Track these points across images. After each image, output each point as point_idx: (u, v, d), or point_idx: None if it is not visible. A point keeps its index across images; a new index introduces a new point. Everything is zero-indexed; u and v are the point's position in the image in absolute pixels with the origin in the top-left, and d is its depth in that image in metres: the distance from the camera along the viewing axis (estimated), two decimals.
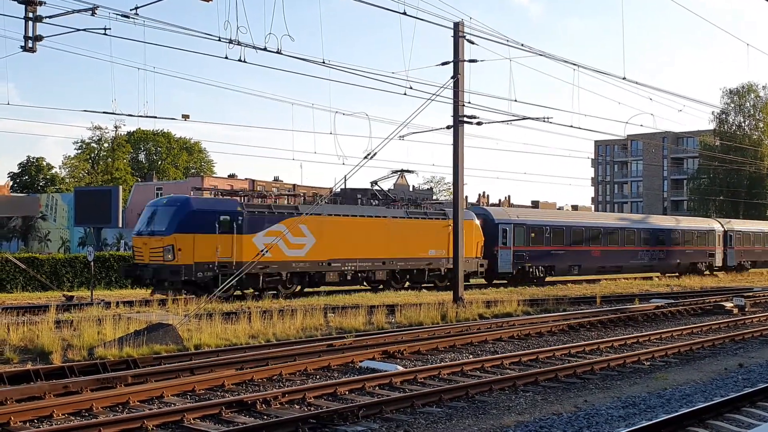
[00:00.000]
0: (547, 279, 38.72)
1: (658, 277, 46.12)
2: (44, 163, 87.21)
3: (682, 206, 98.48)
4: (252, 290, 27.11)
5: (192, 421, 9.84)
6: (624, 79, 25.60)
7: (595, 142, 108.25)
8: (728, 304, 26.41)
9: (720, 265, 51.09)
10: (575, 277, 41.27)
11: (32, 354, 14.90)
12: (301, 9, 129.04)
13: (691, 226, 50.37)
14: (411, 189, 38.63)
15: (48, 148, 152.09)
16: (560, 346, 16.58)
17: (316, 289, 29.38)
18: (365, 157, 20.88)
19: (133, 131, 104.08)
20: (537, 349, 16.05)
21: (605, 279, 41.38)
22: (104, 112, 51.69)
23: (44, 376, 12.41)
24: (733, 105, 79.66)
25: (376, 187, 33.71)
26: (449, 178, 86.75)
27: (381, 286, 30.98)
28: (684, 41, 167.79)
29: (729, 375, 13.91)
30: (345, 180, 30.86)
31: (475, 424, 10.08)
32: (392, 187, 35.97)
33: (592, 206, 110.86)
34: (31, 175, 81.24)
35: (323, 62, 19.36)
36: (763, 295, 31.31)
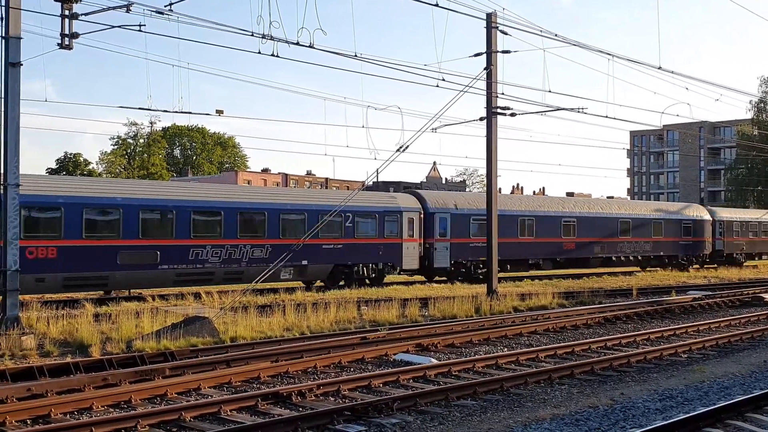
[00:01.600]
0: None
1: (696, 268, 45.41)
2: (81, 158, 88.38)
3: (720, 197, 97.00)
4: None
5: (229, 413, 9.94)
6: (659, 68, 25.26)
7: (631, 132, 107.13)
8: (767, 296, 26.00)
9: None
10: (610, 269, 40.63)
11: (72, 347, 15.16)
12: (333, 3, 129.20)
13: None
14: (444, 181, 38.37)
15: (85, 144, 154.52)
16: (596, 339, 16.45)
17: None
18: (397, 151, 20.86)
19: (168, 127, 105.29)
20: (572, 342, 15.94)
21: (640, 272, 40.94)
22: (140, 108, 52.32)
23: (84, 368, 12.61)
24: None
25: None
26: (482, 171, 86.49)
27: None
28: (720, 29, 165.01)
29: None
30: (377, 173, 30.90)
31: (510, 417, 10.04)
32: (425, 180, 35.81)
33: (628, 197, 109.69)
34: (68, 171, 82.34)
35: (355, 56, 19.36)
36: None
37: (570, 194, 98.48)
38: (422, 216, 32.02)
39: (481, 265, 32.64)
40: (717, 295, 26.51)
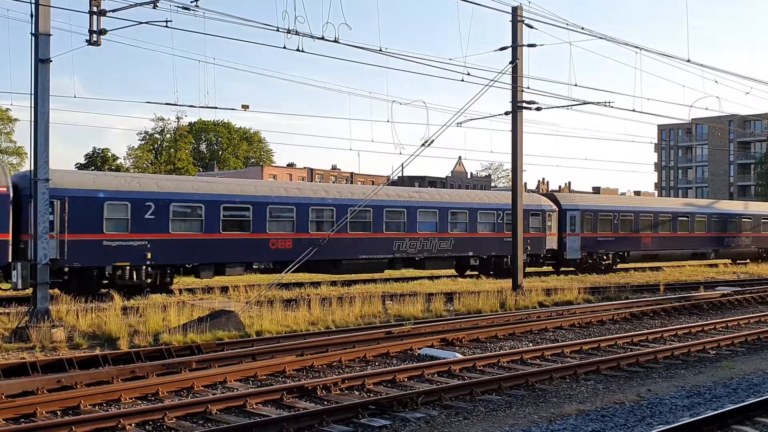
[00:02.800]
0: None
1: (725, 264, 44.96)
2: (109, 153, 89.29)
3: (749, 191, 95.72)
4: None
5: (254, 406, 10.01)
6: (688, 61, 24.98)
7: (659, 126, 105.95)
8: None
9: None
10: (636, 264, 40.40)
11: (100, 340, 15.35)
12: None
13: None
14: (469, 176, 38.93)
15: (113, 139, 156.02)
16: (622, 335, 16.33)
17: (373, 276, 29.53)
18: (422, 145, 20.85)
19: (195, 122, 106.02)
20: (598, 338, 15.83)
21: (668, 266, 40.56)
22: (166, 104, 52.84)
23: (112, 361, 12.78)
24: None
25: None
26: (508, 165, 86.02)
27: None
28: (751, 21, 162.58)
29: None
30: (402, 168, 30.88)
31: (535, 412, 10.01)
32: (450, 174, 36.23)
33: (656, 192, 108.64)
34: (97, 166, 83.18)
35: (380, 50, 19.36)
36: None
37: (596, 189, 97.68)
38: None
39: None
40: (746, 291, 26.18)
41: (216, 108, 26.43)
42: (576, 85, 28.44)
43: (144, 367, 12.09)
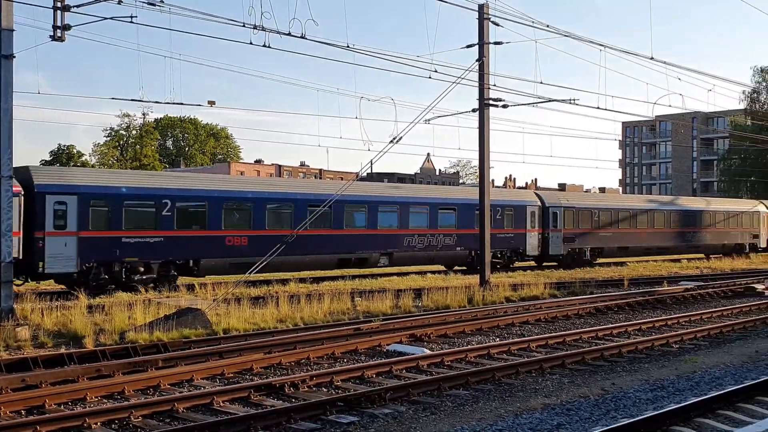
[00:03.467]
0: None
1: (687, 259, 45.64)
2: (74, 150, 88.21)
3: (712, 187, 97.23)
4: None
5: (221, 404, 9.97)
6: (651, 59, 25.28)
7: (623, 123, 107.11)
8: (760, 286, 26.14)
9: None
10: (610, 259, 40.92)
11: (65, 338, 15.18)
12: None
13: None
14: (437, 173, 39.21)
15: (78, 136, 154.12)
16: (587, 329, 16.53)
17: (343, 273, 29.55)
18: (390, 142, 20.87)
19: (161, 118, 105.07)
20: (564, 332, 16.02)
21: (632, 261, 41.10)
22: (132, 100, 52.37)
23: (77, 359, 12.64)
24: (764, 83, 78.27)
25: None
26: (476, 162, 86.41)
27: None
28: (714, 19, 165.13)
29: (760, 358, 13.78)
30: (371, 164, 30.94)
31: (502, 406, 10.11)
32: (418, 171, 36.49)
33: (620, 188, 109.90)
34: (62, 163, 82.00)
35: (347, 46, 19.34)
36: None
37: (562, 186, 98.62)
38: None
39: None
40: (709, 286, 26.62)
41: (182, 104, 26.42)
42: (542, 83, 28.77)
43: (110, 365, 11.98)
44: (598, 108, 27.74)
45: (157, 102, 57.13)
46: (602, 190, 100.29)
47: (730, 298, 24.37)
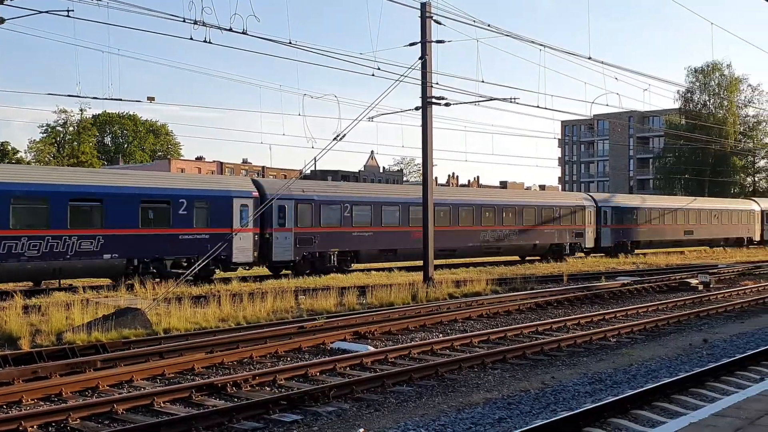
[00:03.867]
0: None
1: (625, 255, 46.59)
2: (9, 147, 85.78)
3: (648, 185, 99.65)
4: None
5: (162, 405, 9.84)
6: (589, 59, 25.75)
7: (562, 122, 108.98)
8: (693, 281, 26.85)
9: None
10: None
11: (0, 340, 14.76)
12: None
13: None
14: (381, 170, 38.99)
15: (13, 132, 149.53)
16: (528, 324, 16.79)
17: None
18: (334, 139, 20.85)
19: (99, 114, 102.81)
20: (505, 328, 16.23)
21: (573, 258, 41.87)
22: (69, 95, 50.80)
23: (13, 361, 12.31)
24: (698, 84, 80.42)
25: None
26: (419, 160, 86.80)
27: None
28: (649, 21, 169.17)
29: (694, 350, 14.19)
30: (315, 162, 30.83)
31: (445, 401, 10.20)
32: (362, 169, 36.28)
33: (559, 186, 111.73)
34: None
35: (290, 43, 19.24)
36: (728, 272, 31.90)
37: (503, 183, 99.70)
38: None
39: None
40: (645, 281, 27.28)
41: (121, 100, 25.75)
42: (483, 82, 29.00)
43: (47, 367, 11.70)
44: (538, 107, 28.23)
45: (95, 98, 55.69)
46: (542, 187, 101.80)
47: (666, 293, 25.01)
